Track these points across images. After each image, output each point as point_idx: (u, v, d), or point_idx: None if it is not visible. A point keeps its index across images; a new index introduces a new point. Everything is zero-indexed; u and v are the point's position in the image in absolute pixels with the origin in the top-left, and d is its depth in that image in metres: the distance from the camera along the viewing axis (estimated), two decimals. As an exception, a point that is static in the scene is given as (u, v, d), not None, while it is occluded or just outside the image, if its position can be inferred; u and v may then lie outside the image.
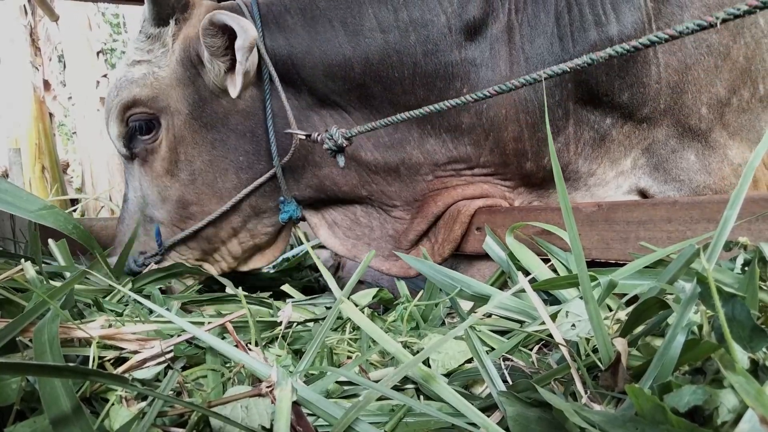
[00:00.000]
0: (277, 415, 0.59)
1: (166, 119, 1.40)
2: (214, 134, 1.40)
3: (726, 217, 0.64)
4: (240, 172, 1.42)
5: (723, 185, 1.29)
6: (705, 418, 0.47)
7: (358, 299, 1.23)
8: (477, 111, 1.33)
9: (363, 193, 1.46)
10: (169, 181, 1.44)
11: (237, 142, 1.41)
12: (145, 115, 1.40)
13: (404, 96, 1.33)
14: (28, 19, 6.30)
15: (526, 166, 1.37)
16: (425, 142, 1.38)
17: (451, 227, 1.39)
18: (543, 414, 0.59)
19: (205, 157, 1.41)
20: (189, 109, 1.39)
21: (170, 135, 1.41)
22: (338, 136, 1.26)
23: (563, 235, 1.13)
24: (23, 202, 1.02)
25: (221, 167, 1.42)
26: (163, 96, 1.39)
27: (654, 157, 1.32)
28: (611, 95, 1.27)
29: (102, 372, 0.64)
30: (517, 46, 1.30)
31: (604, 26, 1.22)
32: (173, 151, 1.42)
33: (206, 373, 0.78)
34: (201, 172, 1.42)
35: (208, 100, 1.39)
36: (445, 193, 1.41)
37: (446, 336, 0.68)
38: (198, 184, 1.43)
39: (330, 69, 1.32)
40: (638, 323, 0.67)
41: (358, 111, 1.37)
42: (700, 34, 1.20)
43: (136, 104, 1.40)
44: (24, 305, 0.88)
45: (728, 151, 1.28)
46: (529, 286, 0.85)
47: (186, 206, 1.45)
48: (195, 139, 1.41)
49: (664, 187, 1.33)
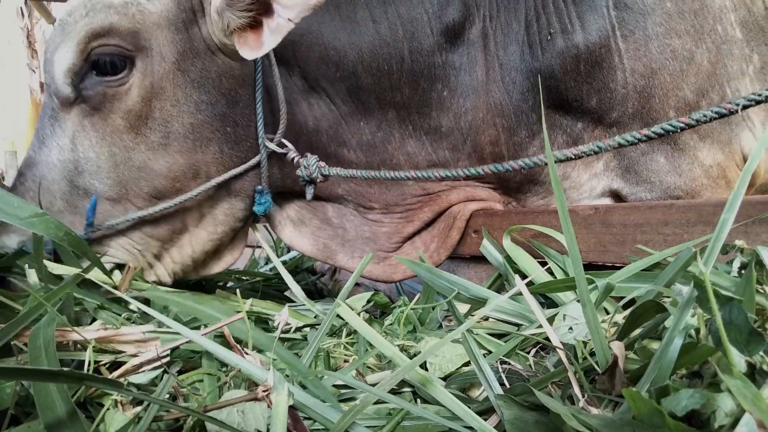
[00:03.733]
0: (274, 419, 0.59)
1: (145, 62, 1.16)
2: (202, 95, 1.20)
3: (723, 220, 0.64)
4: (224, 146, 1.24)
5: (694, 186, 1.32)
6: (702, 422, 0.47)
7: (353, 303, 1.22)
8: (456, 114, 1.35)
9: (339, 191, 1.40)
10: (133, 140, 1.18)
11: (227, 110, 1.23)
12: (117, 49, 1.14)
13: (391, 92, 1.33)
14: (24, 22, 6.29)
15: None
16: (406, 144, 1.38)
17: (447, 234, 1.39)
18: (540, 417, 0.59)
19: (185, 120, 1.19)
20: (176, 58, 1.18)
21: (146, 83, 1.17)
22: (315, 168, 1.19)
23: (560, 238, 1.13)
24: (13, 209, 1.01)
25: (204, 135, 1.21)
26: (146, 34, 1.15)
27: (625, 159, 1.34)
28: (580, 100, 1.30)
29: (97, 376, 0.64)
30: (492, 52, 1.33)
31: (570, 34, 1.26)
32: (146, 103, 1.17)
33: (202, 378, 0.78)
34: (178, 137, 1.19)
35: (200, 54, 1.20)
36: (431, 200, 1.41)
37: (443, 339, 0.67)
38: (171, 152, 1.19)
39: (326, 52, 1.29)
40: (635, 326, 0.67)
41: (345, 105, 1.35)
42: (663, 39, 1.25)
43: (110, 34, 1.13)
44: (20, 309, 0.87)
45: (698, 152, 1.31)
46: (526, 289, 0.85)
47: (151, 177, 1.19)
48: (177, 95, 1.19)
49: (636, 188, 1.34)
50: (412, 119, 1.36)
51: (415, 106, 1.35)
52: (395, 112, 1.36)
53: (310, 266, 2.12)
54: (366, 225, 1.43)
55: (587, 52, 1.26)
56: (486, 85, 1.34)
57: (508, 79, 1.33)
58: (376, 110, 1.35)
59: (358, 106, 1.35)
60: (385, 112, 1.36)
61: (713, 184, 1.32)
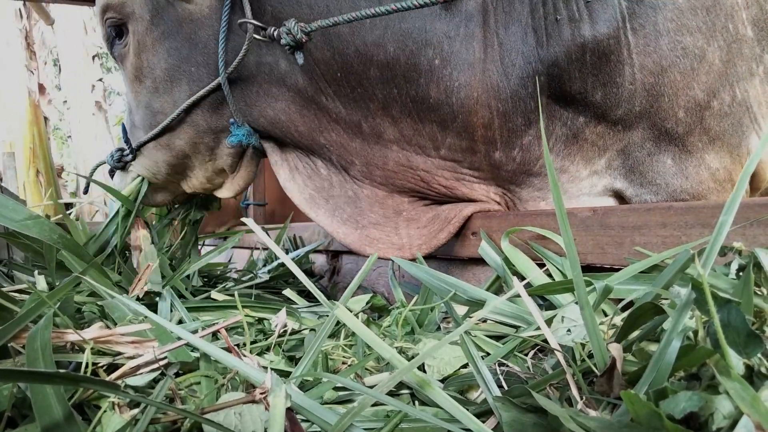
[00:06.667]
0: (271, 421, 0.59)
1: (133, 25, 1.47)
2: (171, 42, 1.44)
3: (721, 223, 0.64)
4: (191, 84, 1.46)
5: (701, 189, 1.28)
6: (700, 424, 0.47)
7: (350, 305, 1.22)
8: (447, 89, 1.30)
9: (321, 140, 1.45)
10: (138, 86, 1.52)
11: (189, 52, 1.43)
12: (115, 20, 1.48)
13: (373, 48, 1.29)
14: (23, 23, 6.29)
15: (494, 155, 1.34)
16: (390, 106, 1.35)
17: (435, 235, 1.38)
18: (538, 419, 0.59)
19: (162, 65, 1.46)
20: (149, 16, 1.44)
21: (135, 41, 1.47)
22: (297, 29, 1.23)
23: (558, 240, 1.13)
24: (8, 211, 1.00)
25: (176, 77, 1.46)
26: (129, 2, 1.45)
27: (630, 159, 1.30)
28: (584, 93, 1.24)
29: (94, 379, 0.64)
30: (492, 29, 1.27)
31: (577, 22, 1.21)
32: (138, 57, 1.48)
33: (200, 380, 0.78)
34: (161, 81, 1.48)
35: (164, 6, 1.43)
36: (413, 175, 1.41)
37: (441, 341, 0.67)
38: (160, 92, 1.49)
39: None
40: (633, 328, 0.67)
41: (320, 53, 1.33)
42: (674, 35, 1.20)
43: (109, 8, 1.47)
44: (17, 311, 0.87)
45: (706, 155, 1.27)
46: (524, 291, 0.85)
47: (154, 114, 1.52)
48: (155, 46, 1.46)
49: (641, 190, 1.30)
50: (397, 83, 1.31)
51: (401, 68, 1.30)
52: (377, 71, 1.31)
53: (308, 268, 2.13)
54: (348, 183, 1.49)
55: (594, 42, 1.20)
56: (483, 63, 1.28)
57: (507, 61, 1.27)
58: (355, 63, 1.31)
59: (334, 56, 1.32)
60: (366, 68, 1.31)
61: (719, 187, 1.28)
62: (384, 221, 1.44)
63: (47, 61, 6.98)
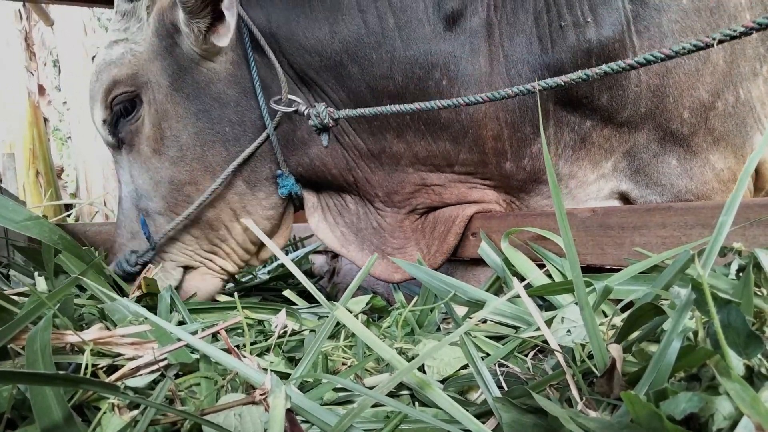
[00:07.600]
0: (271, 422, 0.59)
1: (147, 95, 1.37)
2: (197, 105, 1.37)
3: (721, 223, 0.64)
4: (227, 144, 1.39)
5: (705, 190, 1.28)
6: (700, 425, 0.47)
7: (350, 306, 1.22)
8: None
9: (350, 178, 1.45)
10: (159, 161, 1.39)
11: (221, 112, 1.38)
12: (126, 94, 1.37)
13: (383, 81, 1.32)
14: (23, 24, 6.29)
15: (505, 166, 1.35)
16: (405, 132, 1.37)
17: (444, 238, 1.38)
18: (538, 420, 0.59)
19: (190, 130, 1.37)
20: (169, 81, 1.36)
21: (152, 110, 1.37)
22: (325, 114, 1.26)
23: (558, 241, 1.13)
24: (8, 212, 1.01)
25: (208, 140, 1.38)
26: (142, 71, 1.36)
27: (635, 160, 1.30)
28: (590, 97, 1.25)
29: (94, 380, 0.64)
30: (497, 42, 1.29)
31: (582, 27, 1.22)
32: (157, 127, 1.37)
33: (200, 381, 0.78)
34: (189, 147, 1.38)
35: (187, 69, 1.37)
36: (426, 192, 1.42)
37: (441, 342, 0.67)
38: (188, 161, 1.38)
39: (305, 41, 1.32)
40: (633, 329, 0.67)
41: (335, 93, 1.37)
42: (678, 37, 1.20)
43: (116, 85, 1.37)
44: (17, 312, 0.87)
45: (710, 155, 1.27)
46: (524, 291, 0.85)
47: (180, 187, 1.39)
48: (178, 111, 1.37)
49: (646, 191, 1.31)
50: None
51: (411, 94, 1.32)
52: (389, 100, 1.33)
53: (308, 269, 2.12)
54: (372, 215, 1.48)
55: (600, 47, 1.21)
56: (489, 77, 1.30)
57: (513, 72, 1.28)
58: (368, 98, 1.34)
59: (349, 95, 1.36)
60: (378, 101, 1.34)
61: (724, 188, 1.29)
62: (404, 243, 1.46)
63: (47, 62, 6.98)
